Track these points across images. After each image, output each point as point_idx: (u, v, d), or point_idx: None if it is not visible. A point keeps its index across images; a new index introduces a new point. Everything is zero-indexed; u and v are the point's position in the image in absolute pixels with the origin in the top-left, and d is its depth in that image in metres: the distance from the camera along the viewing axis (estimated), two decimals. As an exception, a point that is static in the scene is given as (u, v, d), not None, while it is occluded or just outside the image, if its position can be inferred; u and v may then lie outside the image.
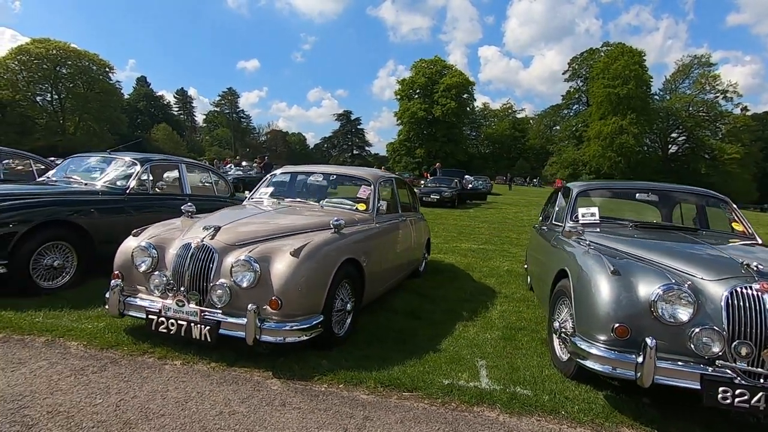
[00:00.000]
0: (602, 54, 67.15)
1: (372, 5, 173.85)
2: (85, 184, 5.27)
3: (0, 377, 2.68)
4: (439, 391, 2.84)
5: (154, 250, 3.32)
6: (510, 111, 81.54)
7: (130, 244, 3.50)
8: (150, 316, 3.15)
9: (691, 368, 2.46)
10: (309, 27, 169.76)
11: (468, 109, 71.37)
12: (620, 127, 58.87)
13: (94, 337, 3.32)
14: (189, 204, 4.12)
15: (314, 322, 3.12)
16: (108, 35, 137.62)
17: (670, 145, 68.44)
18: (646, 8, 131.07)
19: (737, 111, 65.08)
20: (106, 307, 3.46)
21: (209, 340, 3.01)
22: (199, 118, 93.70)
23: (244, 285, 3.04)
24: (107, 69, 62.97)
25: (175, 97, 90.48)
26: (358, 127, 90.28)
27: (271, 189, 4.98)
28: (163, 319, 3.11)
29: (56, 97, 60.85)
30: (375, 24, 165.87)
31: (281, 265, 3.10)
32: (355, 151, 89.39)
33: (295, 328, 3.05)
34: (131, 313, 3.29)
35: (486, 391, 2.86)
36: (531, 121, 79.48)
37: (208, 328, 3.01)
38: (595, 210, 4.15)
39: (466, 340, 3.87)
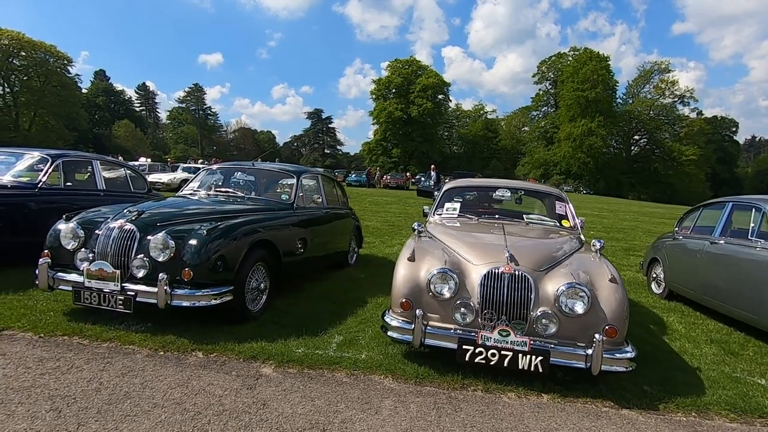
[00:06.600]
0: (570, 58, 69.70)
1: (338, 2, 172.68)
2: (248, 199, 4.98)
3: (380, 425, 2.49)
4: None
5: (455, 275, 3.18)
6: (482, 112, 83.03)
7: (415, 271, 3.31)
8: (465, 347, 3.01)
9: None
10: (274, 23, 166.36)
11: (443, 109, 72.09)
12: (589, 129, 61.37)
13: (392, 370, 3.14)
14: (418, 224, 3.97)
15: (632, 351, 3.07)
16: (58, 25, 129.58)
17: (632, 147, 72.01)
18: (603, 15, 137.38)
19: (693, 115, 69.36)
20: (389, 333, 3.29)
21: (541, 370, 2.92)
22: (162, 114, 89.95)
23: (580, 312, 2.97)
24: (65, 62, 59.20)
25: (136, 92, 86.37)
26: (330, 126, 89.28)
27: (456, 204, 4.87)
28: (481, 349, 2.98)
29: (8, 90, 56.56)
30: (341, 21, 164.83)
31: (607, 292, 3.05)
32: (326, 150, 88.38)
33: (619, 356, 3.00)
34: (434, 342, 3.13)
35: (826, 412, 2.93)
36: (502, 123, 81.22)
37: (540, 358, 2.92)
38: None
39: (697, 357, 3.94)
